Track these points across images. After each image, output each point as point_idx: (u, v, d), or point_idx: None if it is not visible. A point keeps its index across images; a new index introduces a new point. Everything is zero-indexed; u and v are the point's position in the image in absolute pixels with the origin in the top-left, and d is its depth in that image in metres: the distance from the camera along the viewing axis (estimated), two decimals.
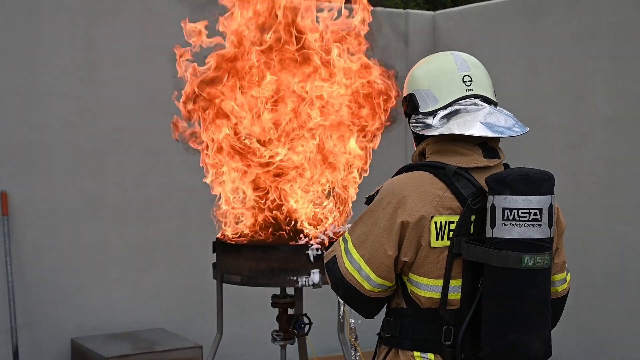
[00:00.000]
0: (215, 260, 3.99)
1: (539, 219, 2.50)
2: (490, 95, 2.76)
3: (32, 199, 6.09)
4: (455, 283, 2.60)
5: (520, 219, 2.49)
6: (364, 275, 2.64)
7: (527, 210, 2.50)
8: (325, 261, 2.80)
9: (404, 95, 2.84)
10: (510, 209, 2.50)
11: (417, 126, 2.75)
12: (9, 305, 5.87)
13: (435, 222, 2.58)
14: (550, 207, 2.53)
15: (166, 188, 6.56)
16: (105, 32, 6.32)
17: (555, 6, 6.67)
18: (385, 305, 2.78)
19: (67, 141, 6.19)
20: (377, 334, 2.84)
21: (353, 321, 3.65)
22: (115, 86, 6.39)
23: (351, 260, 2.67)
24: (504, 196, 2.50)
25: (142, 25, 6.45)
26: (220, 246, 3.94)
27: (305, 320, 4.01)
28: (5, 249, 5.89)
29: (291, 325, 3.98)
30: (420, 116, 2.75)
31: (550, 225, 2.53)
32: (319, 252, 3.71)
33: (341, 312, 3.83)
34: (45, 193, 6.13)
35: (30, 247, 6.08)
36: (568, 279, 2.88)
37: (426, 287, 2.62)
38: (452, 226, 2.59)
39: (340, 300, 2.81)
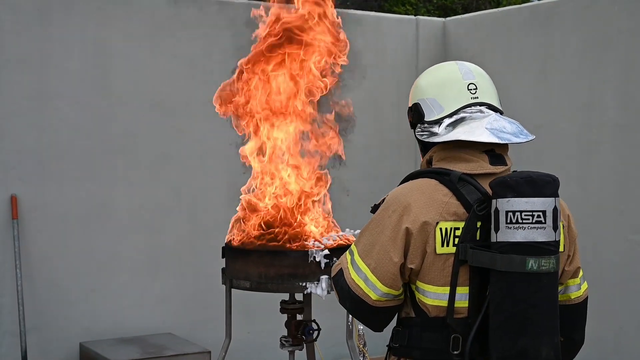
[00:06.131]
0: (224, 266, 3.99)
1: (543, 221, 2.48)
2: (495, 103, 2.76)
3: (42, 203, 6.10)
4: (462, 291, 2.58)
5: (524, 221, 2.47)
6: (370, 285, 2.62)
7: (531, 213, 2.47)
8: (332, 275, 2.79)
9: (409, 105, 2.84)
10: (514, 212, 2.47)
11: (423, 134, 2.75)
12: (18, 308, 5.88)
13: (441, 229, 2.57)
14: (555, 209, 2.50)
15: (176, 193, 6.57)
16: (116, 37, 6.34)
17: (566, 13, 6.66)
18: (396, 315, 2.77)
19: (77, 145, 6.21)
20: (387, 345, 2.82)
21: (361, 327, 3.64)
22: (126, 91, 6.40)
23: (357, 271, 2.65)
24: (507, 199, 2.48)
25: (153, 29, 6.47)
26: (229, 251, 3.94)
27: (314, 326, 4.01)
28: (15, 253, 5.90)
29: (300, 331, 3.97)
30: (426, 125, 2.75)
31: (555, 228, 2.50)
32: (328, 261, 3.71)
33: (350, 319, 3.83)
34: (55, 197, 6.14)
35: (40, 251, 6.09)
36: (584, 287, 2.84)
37: (433, 295, 2.60)
38: (458, 232, 2.57)
39: (348, 313, 2.77)
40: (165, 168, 6.54)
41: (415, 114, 2.78)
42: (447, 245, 2.58)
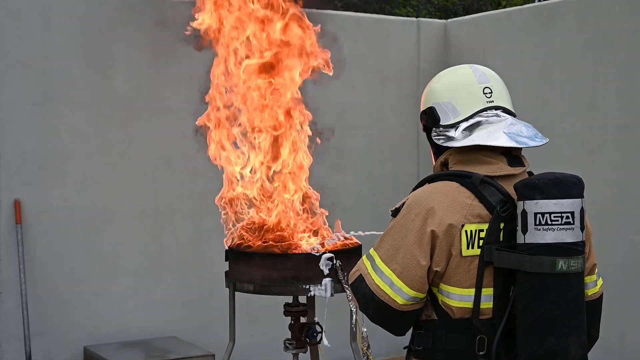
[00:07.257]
0: (227, 269, 4.00)
1: (572, 222, 2.51)
2: (509, 106, 2.78)
3: (45, 207, 6.10)
4: (487, 292, 2.60)
5: (553, 223, 2.49)
6: (397, 289, 2.61)
7: (560, 214, 2.49)
8: (350, 282, 2.77)
9: (423, 109, 2.84)
10: (542, 214, 2.49)
11: (439, 138, 2.76)
12: (22, 313, 5.88)
13: (466, 231, 2.58)
14: (582, 210, 2.54)
15: (178, 196, 6.57)
16: (118, 41, 6.34)
17: (568, 14, 6.66)
18: None
19: (80, 150, 6.21)
20: (404, 348, 2.82)
21: (365, 329, 3.64)
22: (128, 95, 6.41)
23: (381, 275, 2.64)
24: (535, 201, 2.50)
25: (155, 34, 6.47)
26: (233, 254, 3.95)
27: (318, 328, 4.02)
28: (19, 257, 5.91)
29: (303, 334, 3.98)
30: (441, 129, 2.76)
31: (582, 228, 2.54)
32: (334, 263, 3.72)
33: (353, 321, 3.83)
34: (58, 201, 6.14)
35: (43, 255, 6.10)
36: (599, 283, 2.89)
37: (458, 297, 2.61)
38: (482, 234, 2.59)
39: (369, 319, 2.76)
40: (167, 171, 6.54)
41: (430, 118, 2.79)
42: (473, 248, 2.59)
